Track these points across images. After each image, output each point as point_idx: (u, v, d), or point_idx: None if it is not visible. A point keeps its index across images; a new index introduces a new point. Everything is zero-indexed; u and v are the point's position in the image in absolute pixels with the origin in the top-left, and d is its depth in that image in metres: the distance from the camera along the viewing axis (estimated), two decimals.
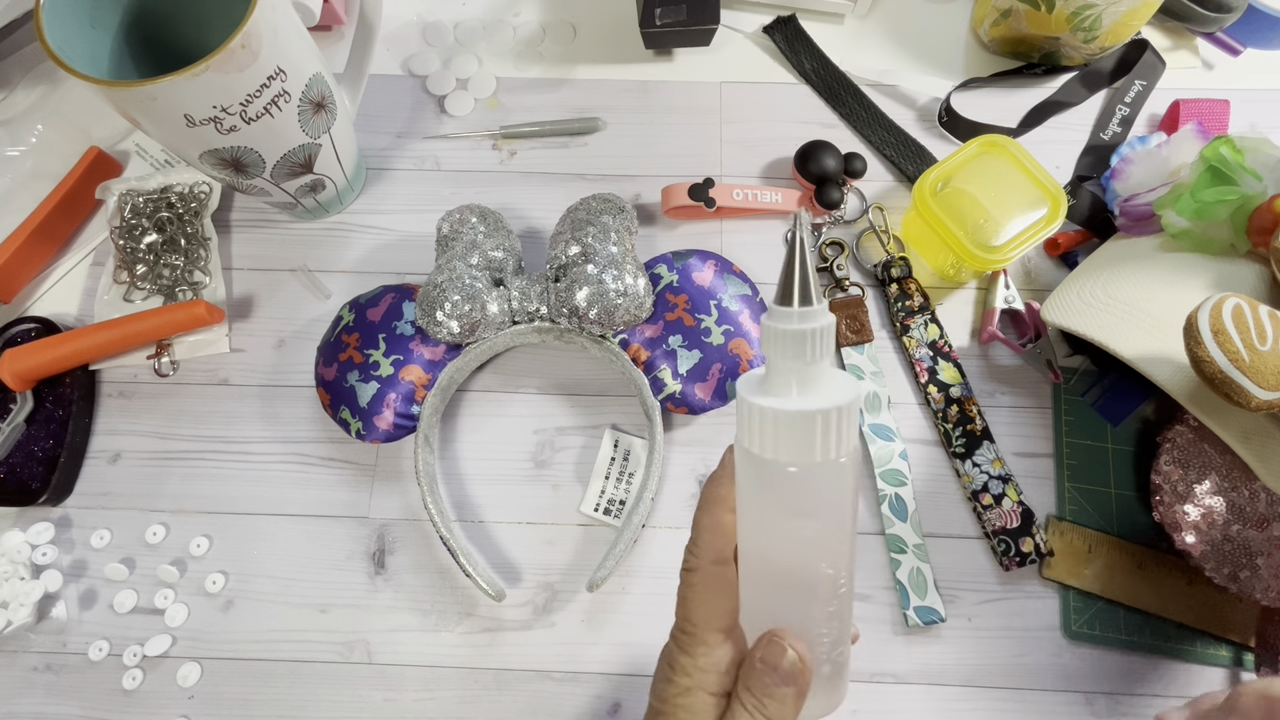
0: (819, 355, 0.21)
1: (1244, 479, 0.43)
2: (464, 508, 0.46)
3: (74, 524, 0.46)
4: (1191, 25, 0.55)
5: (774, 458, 0.22)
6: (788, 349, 0.21)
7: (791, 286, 0.22)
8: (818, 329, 0.21)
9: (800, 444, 0.21)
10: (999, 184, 0.46)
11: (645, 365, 0.44)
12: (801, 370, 0.22)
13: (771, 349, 0.22)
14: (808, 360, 0.21)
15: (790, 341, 0.21)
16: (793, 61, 0.57)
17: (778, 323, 0.22)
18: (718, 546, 0.24)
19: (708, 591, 0.24)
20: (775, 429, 0.21)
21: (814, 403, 0.21)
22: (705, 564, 0.24)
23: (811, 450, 0.21)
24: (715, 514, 0.24)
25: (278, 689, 0.43)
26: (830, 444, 0.21)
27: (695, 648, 0.24)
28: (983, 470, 0.45)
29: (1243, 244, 0.42)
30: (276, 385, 0.49)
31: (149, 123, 0.38)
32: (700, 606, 0.24)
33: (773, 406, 0.21)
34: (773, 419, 0.21)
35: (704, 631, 0.24)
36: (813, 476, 0.22)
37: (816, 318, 0.21)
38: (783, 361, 0.22)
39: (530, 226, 0.52)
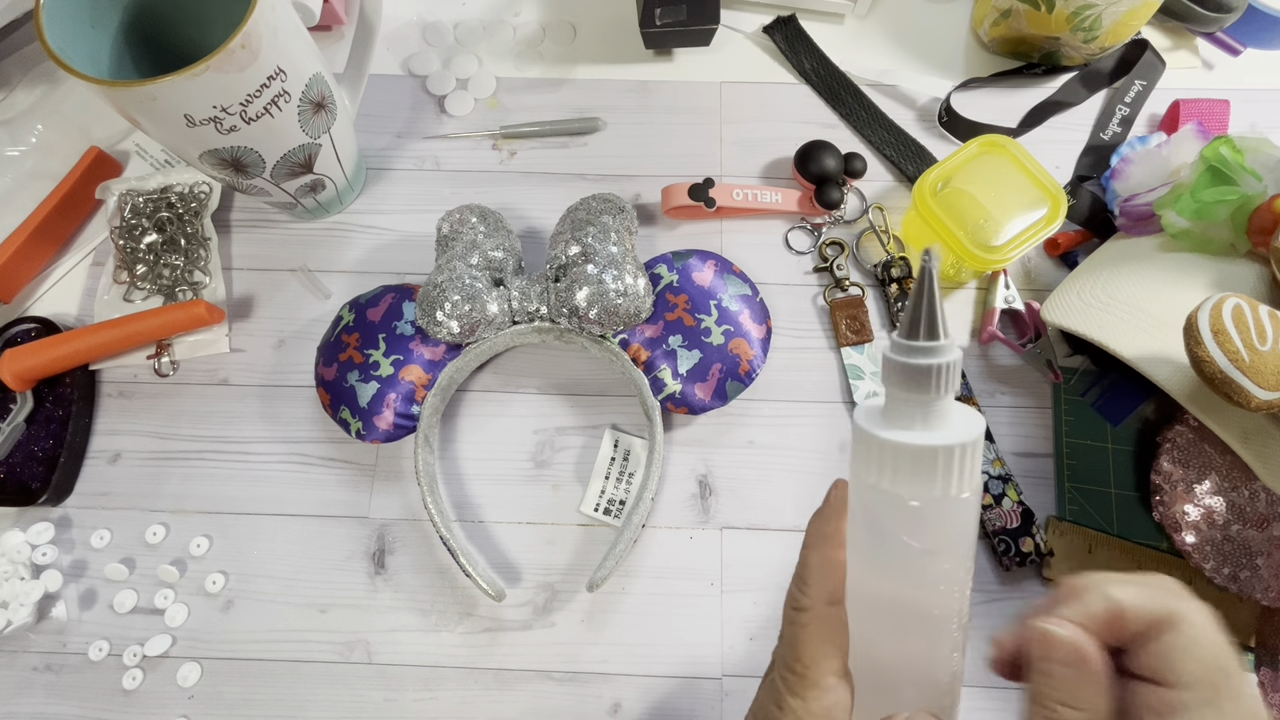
0: (946, 390, 0.21)
1: (1244, 479, 0.43)
2: (464, 508, 0.46)
3: (74, 524, 0.46)
4: (1191, 25, 0.55)
5: (902, 492, 0.21)
6: (914, 383, 0.21)
7: (919, 319, 0.21)
8: (947, 364, 0.21)
9: (927, 478, 0.21)
10: (999, 184, 0.46)
11: (645, 365, 0.44)
12: (928, 404, 0.21)
13: (897, 382, 0.22)
14: (935, 395, 0.21)
15: (918, 376, 0.21)
16: (793, 61, 0.57)
17: (905, 357, 0.21)
18: (830, 586, 0.23)
19: (821, 632, 0.23)
20: (894, 462, 0.21)
21: (941, 437, 0.21)
22: (818, 604, 0.23)
23: (936, 485, 0.21)
24: (825, 551, 0.23)
25: (278, 689, 0.43)
26: (957, 479, 0.21)
27: (807, 691, 0.23)
28: (983, 470, 0.45)
29: (1243, 244, 0.42)
30: (276, 385, 0.49)
31: (149, 123, 0.38)
32: (814, 648, 0.23)
33: (900, 441, 0.21)
34: (892, 452, 0.21)
35: (818, 674, 0.23)
36: (937, 510, 0.22)
37: (946, 353, 0.21)
38: (908, 394, 0.22)
39: (530, 226, 0.52)
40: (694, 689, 0.43)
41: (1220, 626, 0.21)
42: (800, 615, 0.23)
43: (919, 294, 0.21)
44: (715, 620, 0.44)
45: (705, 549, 0.45)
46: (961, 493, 0.21)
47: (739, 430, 0.47)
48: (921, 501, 0.21)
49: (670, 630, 0.44)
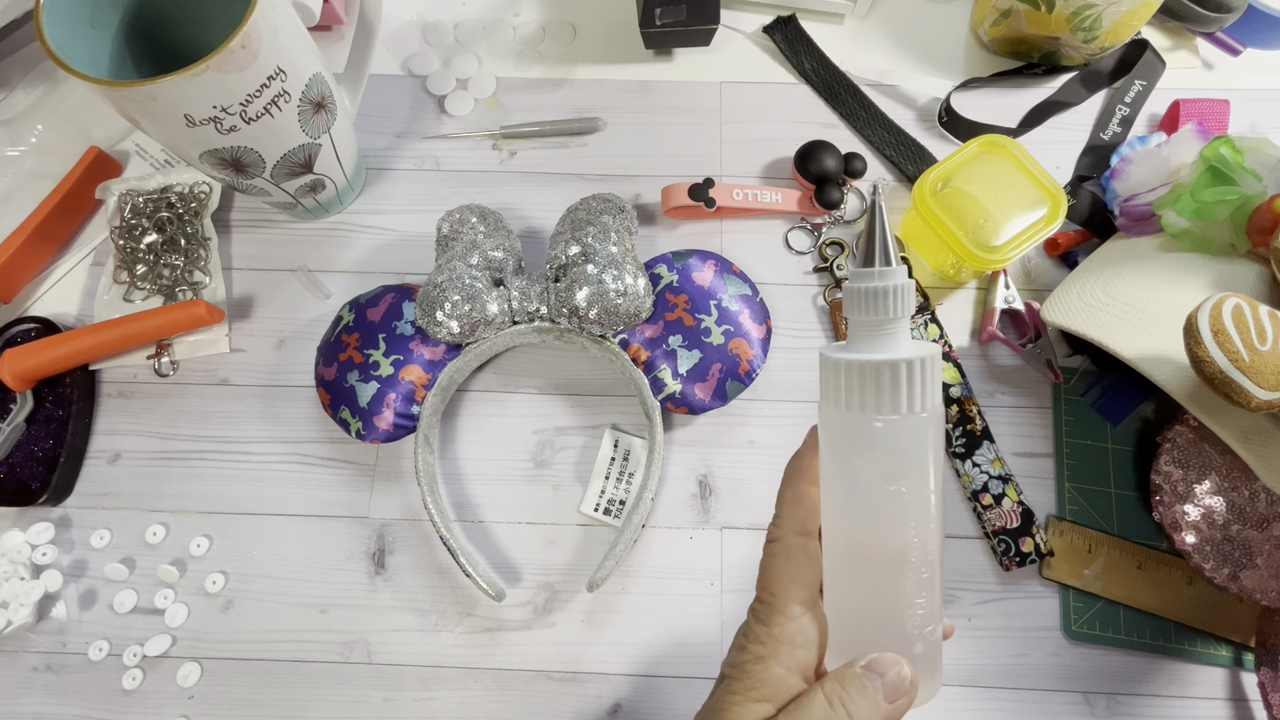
0: (900, 312, 0.23)
1: (1244, 479, 0.43)
2: (464, 508, 0.46)
3: (74, 524, 0.46)
4: (1191, 25, 0.55)
5: (858, 412, 0.22)
6: (870, 306, 0.23)
7: (873, 249, 0.23)
8: (897, 285, 0.23)
9: (884, 394, 0.22)
10: (999, 184, 0.46)
11: (645, 365, 0.44)
12: (883, 326, 0.23)
13: (854, 310, 0.23)
14: (889, 316, 0.23)
15: (872, 298, 0.23)
16: (793, 61, 0.57)
17: (860, 283, 0.23)
18: (800, 518, 0.24)
19: (789, 562, 0.24)
20: (859, 380, 0.22)
21: (896, 353, 0.22)
22: (787, 534, 0.24)
23: (896, 400, 0.22)
24: (798, 486, 0.24)
25: (278, 689, 0.43)
26: (914, 395, 0.22)
27: (772, 617, 0.24)
28: (983, 470, 0.45)
29: (1243, 244, 0.42)
30: (276, 385, 0.49)
31: (149, 123, 0.38)
32: (781, 577, 0.24)
33: (857, 358, 0.22)
34: (857, 370, 0.22)
35: (783, 602, 0.24)
36: (897, 432, 0.22)
37: (896, 276, 0.23)
38: (865, 318, 0.23)
39: (530, 226, 0.52)
40: (694, 689, 0.43)
41: None
42: (770, 545, 0.24)
43: (870, 226, 0.24)
44: (715, 620, 0.44)
45: (705, 549, 0.45)
46: (920, 410, 0.22)
47: (739, 430, 0.47)
48: (883, 420, 0.22)
49: (670, 630, 0.44)
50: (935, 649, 0.24)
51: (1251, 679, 0.43)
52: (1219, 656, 0.43)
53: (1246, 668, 0.43)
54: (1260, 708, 0.42)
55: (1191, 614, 0.43)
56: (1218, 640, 0.43)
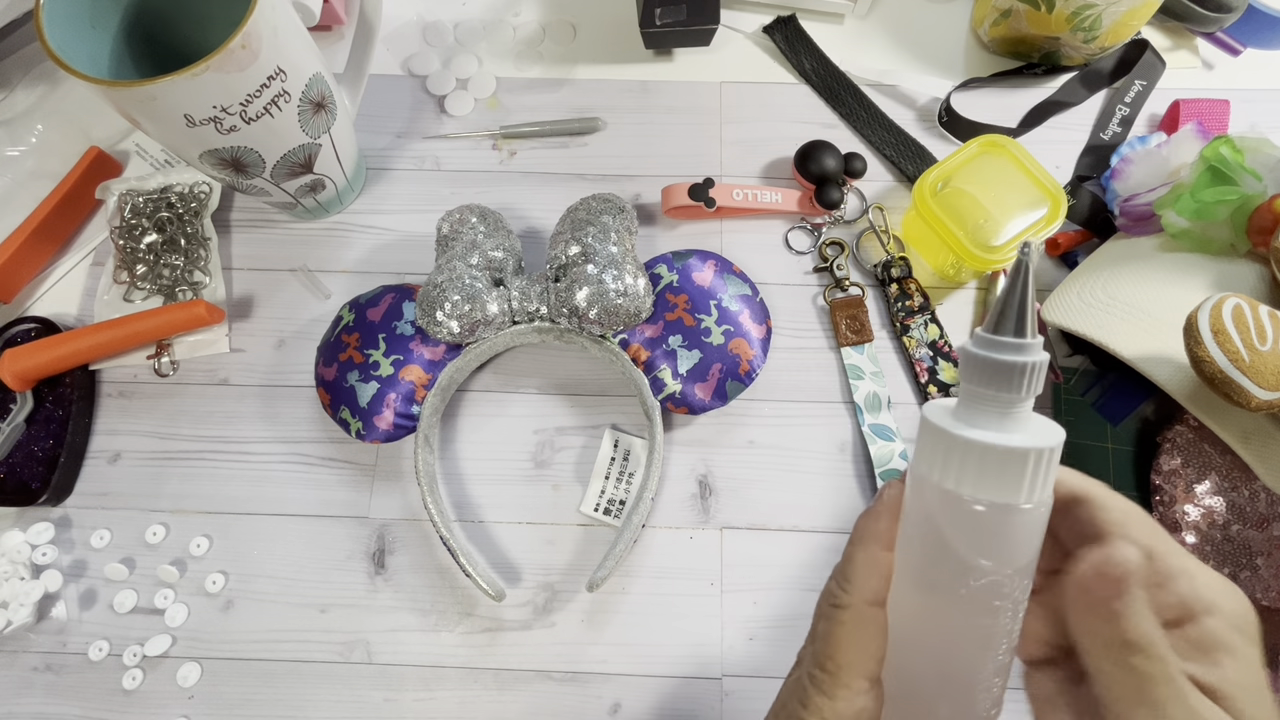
0: (1030, 391, 0.21)
1: (1244, 479, 0.43)
2: (464, 508, 0.46)
3: (74, 524, 0.46)
4: (1191, 25, 0.55)
5: (973, 495, 0.20)
6: (1000, 381, 0.20)
7: (1011, 313, 0.21)
8: (1035, 363, 0.20)
9: (999, 482, 0.20)
10: (999, 184, 0.46)
11: (645, 365, 0.44)
12: (1010, 405, 0.21)
13: (978, 379, 0.21)
14: (1019, 396, 0.20)
15: (1005, 373, 0.20)
16: (793, 61, 0.57)
17: (993, 352, 0.20)
18: (874, 586, 0.22)
19: (860, 633, 0.22)
20: (975, 463, 0.20)
21: (1022, 440, 0.20)
22: (859, 603, 0.22)
23: (1016, 490, 0.20)
24: (872, 550, 0.22)
25: (278, 689, 0.43)
26: (1029, 486, 0.20)
27: (837, 691, 0.22)
28: None
29: (1243, 244, 0.42)
30: (276, 385, 0.49)
31: (149, 123, 0.38)
32: (851, 648, 0.22)
33: (979, 439, 0.20)
34: (978, 452, 0.20)
35: (849, 676, 0.22)
36: (1002, 519, 0.21)
37: (1034, 351, 0.20)
38: (990, 393, 0.21)
39: (530, 226, 0.52)
40: (694, 689, 0.43)
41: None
42: (838, 613, 0.22)
43: (1012, 287, 0.20)
44: (715, 620, 0.44)
45: (705, 549, 0.45)
46: (1031, 504, 0.20)
47: (739, 430, 0.47)
48: (987, 507, 0.20)
49: (670, 630, 0.44)
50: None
51: None
52: None
53: None
54: None
55: None
56: None
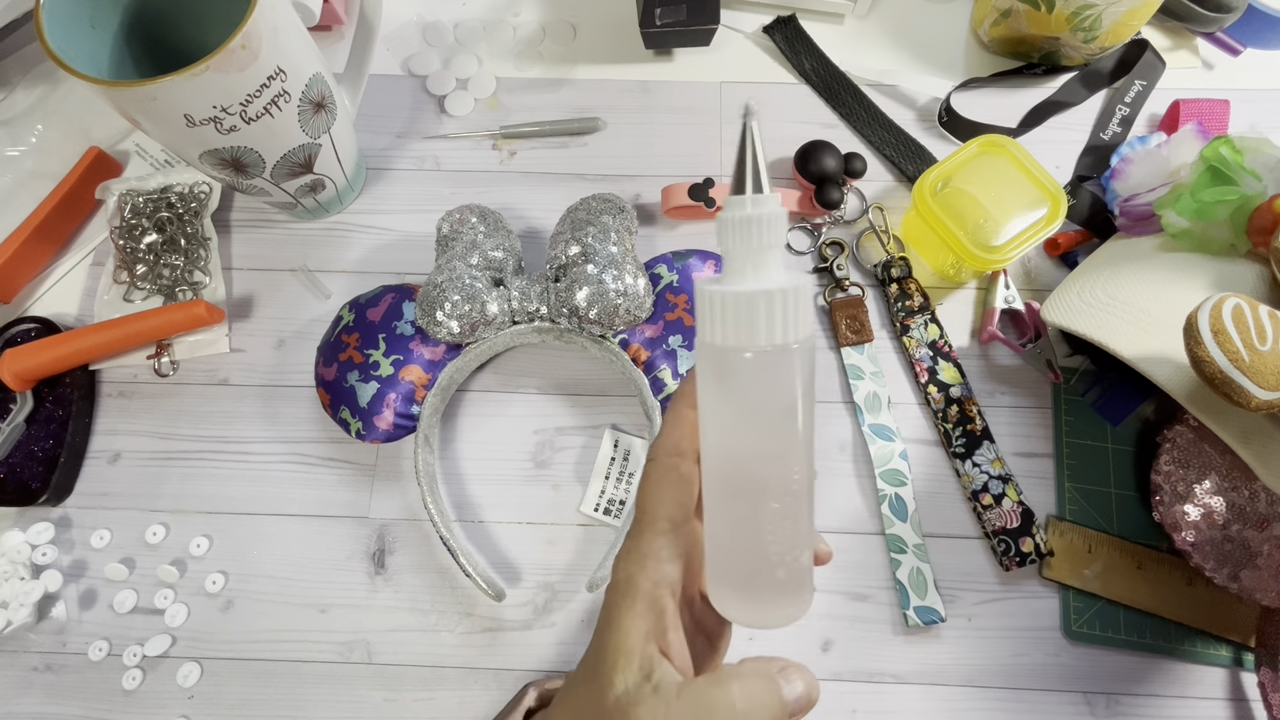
0: (769, 242, 0.22)
1: (1244, 479, 0.43)
2: (464, 508, 0.46)
3: (74, 524, 0.46)
4: (1191, 25, 0.55)
5: (725, 343, 0.22)
6: (740, 236, 0.22)
7: (744, 176, 0.23)
8: (766, 214, 0.22)
9: (751, 325, 0.22)
10: (999, 184, 0.46)
11: (645, 365, 0.44)
12: (754, 256, 0.23)
13: (726, 239, 0.23)
14: (758, 246, 0.22)
15: (742, 228, 0.22)
16: (793, 61, 0.57)
17: (731, 211, 0.23)
18: (675, 438, 0.25)
19: (661, 480, 0.24)
20: (726, 312, 0.22)
21: (764, 284, 0.22)
22: (661, 454, 0.25)
23: (761, 332, 0.22)
24: (679, 408, 0.25)
25: (278, 689, 0.43)
26: (779, 326, 0.22)
27: (641, 533, 0.24)
28: (983, 470, 0.45)
29: (1243, 244, 0.42)
30: (276, 385, 0.49)
31: (149, 123, 0.38)
32: (652, 494, 0.25)
33: (724, 289, 0.22)
34: (723, 301, 0.22)
35: (652, 520, 0.24)
36: (764, 363, 0.22)
37: (765, 204, 0.22)
38: (736, 248, 0.23)
39: (530, 226, 0.52)
40: None
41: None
42: (647, 465, 0.25)
43: (741, 151, 0.23)
44: None
45: None
46: (790, 342, 0.22)
47: None
48: (752, 351, 0.22)
49: None
50: (802, 573, 0.24)
51: (1251, 679, 0.43)
52: (1219, 656, 0.43)
53: (1246, 668, 0.43)
54: (1260, 708, 0.42)
55: (1191, 614, 0.43)
56: (1218, 640, 0.43)
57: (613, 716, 0.22)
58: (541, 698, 0.35)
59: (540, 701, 0.35)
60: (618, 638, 0.23)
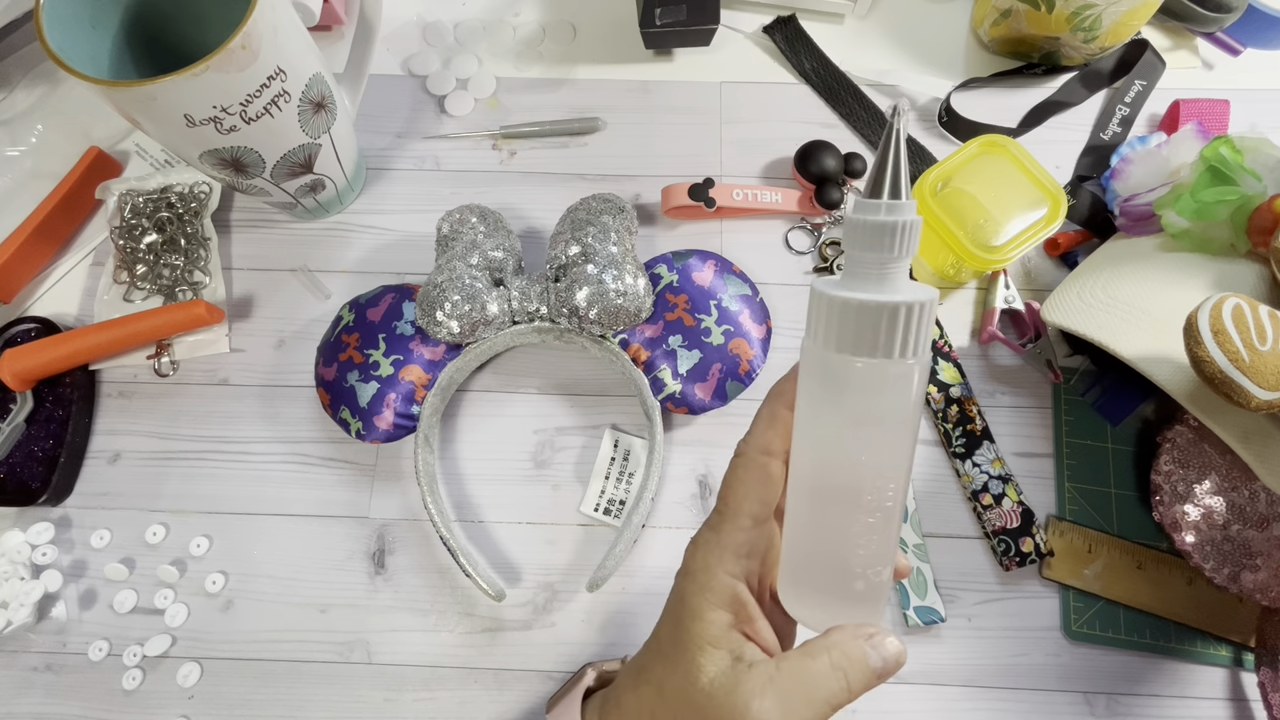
0: (904, 252, 0.21)
1: (1244, 479, 0.43)
2: (464, 508, 0.46)
3: (74, 524, 0.46)
4: (1191, 25, 0.55)
5: (842, 351, 0.21)
6: (872, 241, 0.21)
7: (883, 179, 0.21)
8: (906, 223, 0.21)
9: (874, 337, 0.21)
10: (999, 184, 0.46)
11: (645, 365, 0.44)
12: (883, 265, 0.21)
13: (855, 243, 0.21)
14: (892, 255, 0.21)
15: (875, 234, 0.21)
16: (793, 61, 0.57)
17: (865, 215, 0.21)
18: (768, 437, 0.24)
19: (748, 475, 0.24)
20: (847, 319, 0.21)
21: (892, 296, 0.21)
22: (751, 450, 0.24)
23: (882, 344, 0.21)
24: (774, 407, 0.24)
25: (278, 689, 0.43)
26: (903, 341, 0.21)
27: (723, 525, 0.25)
28: (983, 470, 0.45)
29: (1243, 244, 0.42)
30: (276, 385, 0.49)
31: (149, 123, 0.38)
32: (738, 489, 0.25)
33: (849, 296, 0.21)
34: (845, 308, 0.21)
35: (734, 514, 0.24)
36: (878, 376, 0.21)
37: (905, 211, 0.21)
38: (864, 255, 0.21)
39: (530, 226, 0.52)
40: None
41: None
42: (735, 460, 0.25)
43: (884, 152, 0.21)
44: None
45: None
46: (906, 358, 0.21)
47: (739, 430, 0.47)
48: (864, 364, 0.21)
49: None
50: (879, 589, 0.24)
51: (1251, 679, 0.43)
52: (1219, 656, 0.43)
53: (1246, 668, 0.43)
54: (1260, 708, 0.42)
55: (1191, 614, 0.43)
56: (1218, 640, 0.43)
57: (712, 699, 0.23)
58: (601, 678, 0.35)
59: (600, 682, 0.35)
60: (701, 627, 0.24)
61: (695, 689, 0.23)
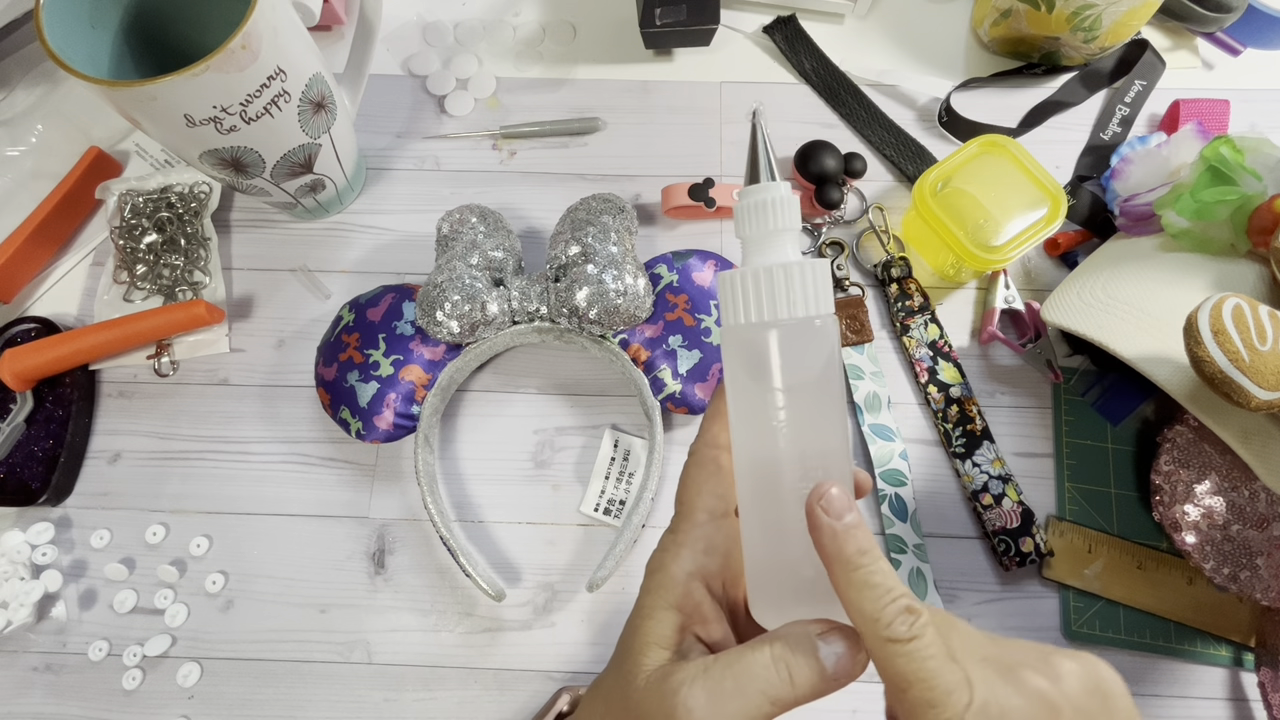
0: (785, 224, 0.24)
1: (1244, 479, 0.43)
2: (464, 508, 0.46)
3: (74, 524, 0.46)
4: (1191, 25, 0.55)
5: (748, 319, 0.23)
6: (755, 220, 0.24)
7: (757, 167, 0.24)
8: (778, 198, 0.24)
9: (771, 298, 0.22)
10: (999, 184, 0.46)
11: (645, 365, 0.44)
12: (770, 239, 0.24)
13: (742, 226, 0.24)
14: (774, 228, 0.23)
15: (757, 212, 0.24)
16: (793, 61, 0.57)
17: (745, 199, 0.24)
18: (715, 431, 0.25)
19: (698, 472, 0.25)
20: (746, 289, 0.23)
21: (779, 259, 0.23)
22: (700, 446, 0.25)
23: (782, 304, 0.22)
24: (717, 403, 0.25)
25: (278, 689, 0.43)
26: (800, 298, 0.22)
27: (679, 524, 0.24)
28: (983, 470, 0.45)
29: (1243, 244, 0.42)
30: (276, 385, 0.49)
31: (149, 123, 0.38)
32: (690, 486, 0.25)
33: (746, 269, 0.23)
34: (741, 279, 0.23)
35: (689, 509, 0.24)
36: (787, 339, 0.22)
37: (777, 189, 0.24)
38: (753, 232, 0.24)
39: (530, 226, 0.52)
40: None
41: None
42: (687, 460, 0.25)
43: (752, 147, 0.24)
44: None
45: None
46: (810, 314, 0.22)
47: None
48: (770, 329, 0.22)
49: None
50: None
51: (1251, 679, 0.43)
52: (1219, 656, 0.43)
53: (1246, 668, 0.43)
54: (1260, 708, 0.42)
55: (1191, 614, 0.43)
56: (1218, 640, 0.43)
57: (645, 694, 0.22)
58: (574, 702, 0.35)
59: (572, 706, 0.35)
60: (649, 626, 0.23)
61: (632, 687, 0.22)
